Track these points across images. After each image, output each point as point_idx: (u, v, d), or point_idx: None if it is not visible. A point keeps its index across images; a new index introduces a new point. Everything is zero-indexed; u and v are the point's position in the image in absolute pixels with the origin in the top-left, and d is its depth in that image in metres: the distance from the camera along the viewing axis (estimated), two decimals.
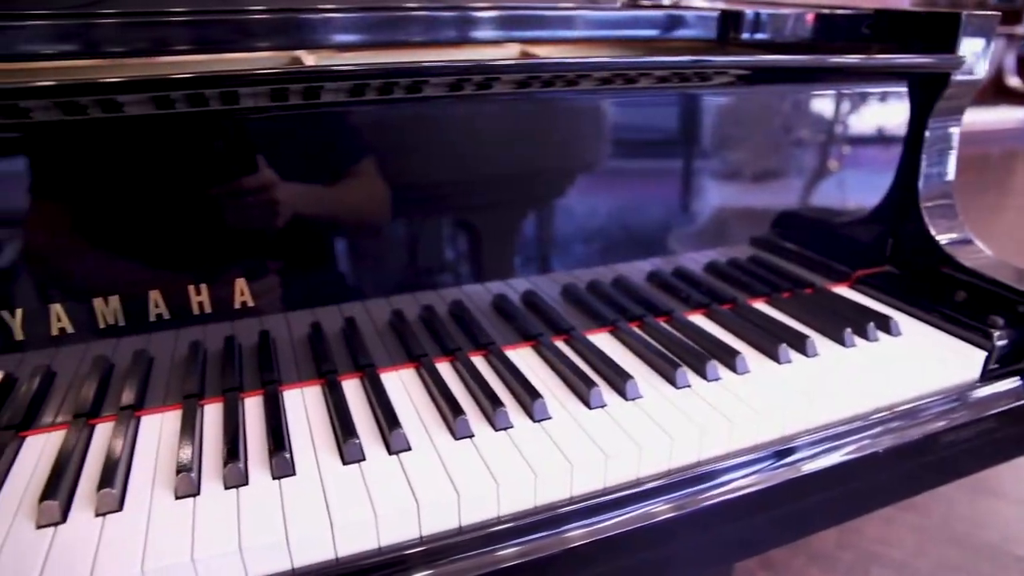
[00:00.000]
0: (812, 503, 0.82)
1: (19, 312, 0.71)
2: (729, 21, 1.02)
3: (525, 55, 1.11)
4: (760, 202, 1.02)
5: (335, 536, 0.62)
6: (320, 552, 0.62)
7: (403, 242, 0.85)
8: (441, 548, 0.64)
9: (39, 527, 0.62)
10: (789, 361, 0.87)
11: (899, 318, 0.96)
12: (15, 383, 0.75)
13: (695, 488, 0.73)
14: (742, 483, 0.75)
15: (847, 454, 0.80)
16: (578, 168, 0.90)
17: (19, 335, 0.71)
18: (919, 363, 0.88)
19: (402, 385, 0.82)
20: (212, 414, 0.77)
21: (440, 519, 0.65)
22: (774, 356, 0.88)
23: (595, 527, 0.69)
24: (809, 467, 0.78)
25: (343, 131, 0.80)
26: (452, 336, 0.88)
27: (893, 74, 1.01)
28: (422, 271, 0.87)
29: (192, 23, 0.87)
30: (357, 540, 0.63)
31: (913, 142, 1.03)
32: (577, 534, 0.68)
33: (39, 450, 0.72)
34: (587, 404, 0.78)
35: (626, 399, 0.79)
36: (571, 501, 0.70)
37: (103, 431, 0.75)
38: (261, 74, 0.71)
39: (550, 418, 0.76)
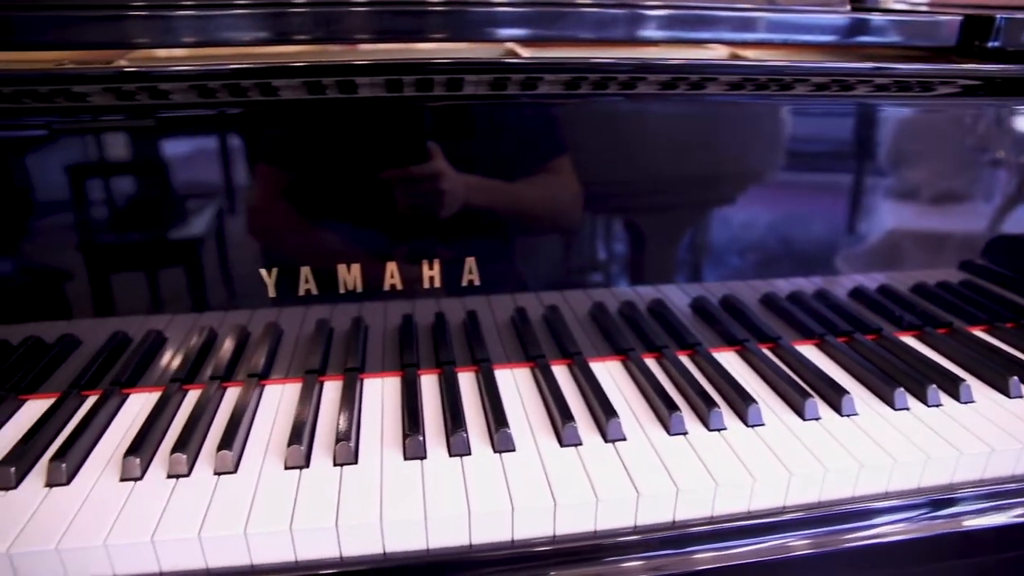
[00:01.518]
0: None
1: (275, 271, 0.77)
2: (973, 27, 0.95)
3: (734, 57, 1.09)
4: (970, 226, 0.95)
5: (557, 515, 0.63)
6: (539, 528, 0.64)
7: (610, 238, 0.86)
8: (650, 541, 0.65)
9: (287, 468, 0.68)
10: (1020, 396, 0.81)
11: None
12: (247, 337, 0.82)
13: (917, 515, 0.70)
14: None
15: None
16: (782, 177, 0.87)
17: (272, 292, 0.78)
18: None
19: (610, 377, 0.83)
20: (427, 384, 0.81)
21: (655, 512, 0.65)
22: (1002, 389, 0.82)
23: (808, 540, 0.67)
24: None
25: (552, 123, 0.81)
26: (658, 334, 0.88)
27: None
28: (622, 268, 0.87)
29: (408, 13, 0.89)
30: (577, 521, 0.64)
31: None
32: (792, 545, 0.67)
33: (277, 398, 0.79)
34: (800, 415, 0.76)
35: (840, 415, 0.76)
36: (783, 511, 0.68)
37: (331, 388, 0.80)
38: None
39: (763, 424, 0.74)
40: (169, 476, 0.66)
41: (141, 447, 0.68)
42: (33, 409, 0.77)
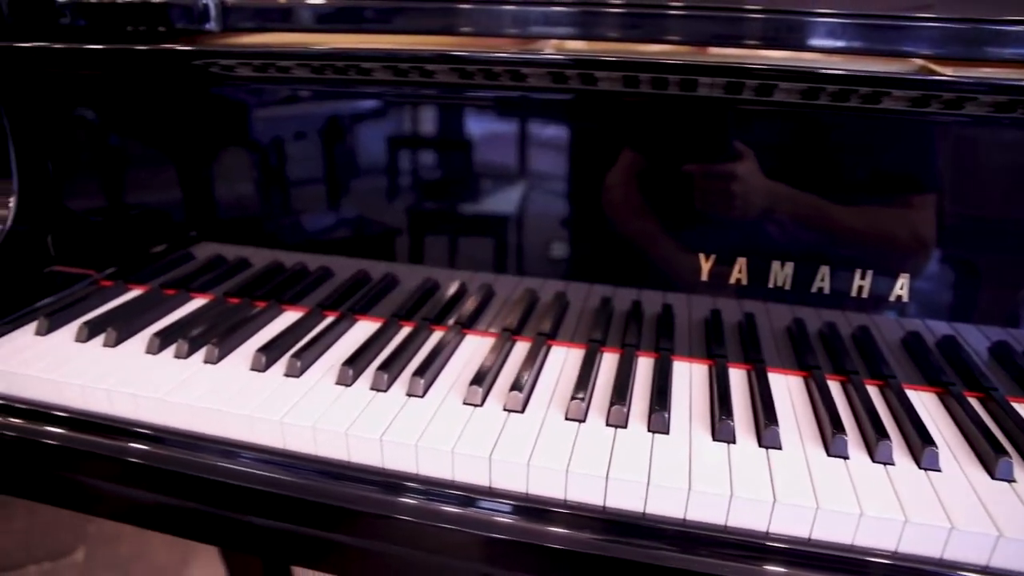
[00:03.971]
0: None
1: (712, 258, 0.91)
2: None
3: None
4: None
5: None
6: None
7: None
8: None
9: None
10: None
11: None
12: (672, 309, 0.98)
13: None
14: None
15: None
16: None
17: (704, 276, 0.92)
18: None
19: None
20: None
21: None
22: None
23: None
24: None
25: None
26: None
27: None
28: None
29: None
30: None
31: None
32: None
33: (687, 373, 0.95)
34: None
35: None
36: None
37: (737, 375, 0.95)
38: None
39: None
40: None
41: (581, 392, 0.86)
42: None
